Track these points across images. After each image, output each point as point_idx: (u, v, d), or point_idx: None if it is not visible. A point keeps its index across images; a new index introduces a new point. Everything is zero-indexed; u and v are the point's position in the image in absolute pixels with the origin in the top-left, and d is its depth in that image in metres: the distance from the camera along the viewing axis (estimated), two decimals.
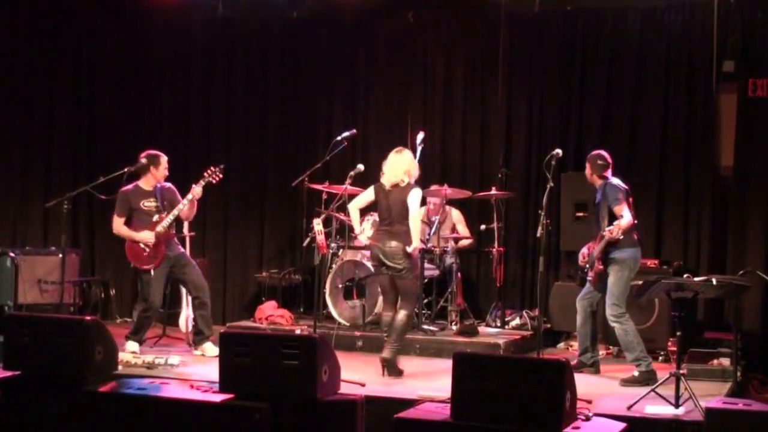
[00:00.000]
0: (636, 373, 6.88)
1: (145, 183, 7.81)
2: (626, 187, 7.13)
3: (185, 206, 7.68)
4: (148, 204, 7.75)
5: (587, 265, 7.23)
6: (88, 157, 10.38)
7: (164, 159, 7.88)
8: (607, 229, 6.73)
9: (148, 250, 7.66)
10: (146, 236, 7.66)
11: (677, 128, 9.01)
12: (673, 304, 6.08)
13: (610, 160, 7.23)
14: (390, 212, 7.04)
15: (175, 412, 5.33)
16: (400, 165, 7.07)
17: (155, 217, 7.69)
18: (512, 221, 9.42)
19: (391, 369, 6.93)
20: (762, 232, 8.60)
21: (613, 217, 6.91)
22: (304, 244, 8.85)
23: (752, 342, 8.11)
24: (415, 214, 7.04)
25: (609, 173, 7.18)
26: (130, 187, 7.80)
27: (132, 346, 7.63)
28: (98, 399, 5.48)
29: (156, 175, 7.82)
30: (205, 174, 7.75)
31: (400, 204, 7.00)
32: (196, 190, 7.66)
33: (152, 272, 7.68)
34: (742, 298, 7.74)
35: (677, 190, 9.00)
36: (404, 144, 9.62)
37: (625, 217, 6.82)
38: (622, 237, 6.81)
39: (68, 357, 5.59)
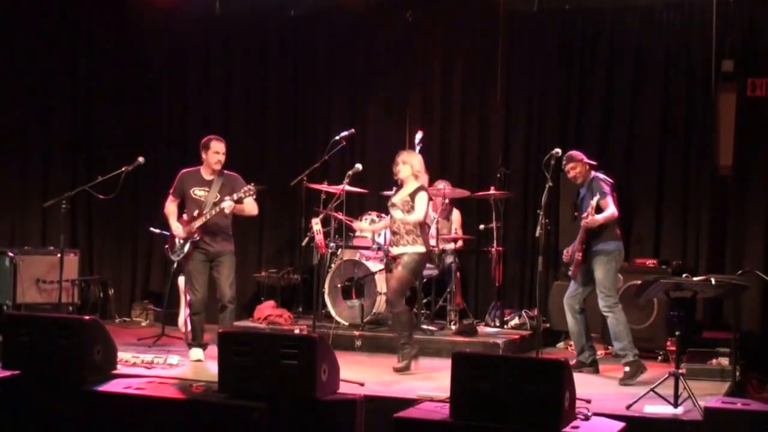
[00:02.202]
0: (627, 369, 6.99)
1: (204, 169, 7.60)
2: (611, 180, 7.19)
3: (213, 215, 7.36)
4: (199, 193, 7.53)
5: (570, 261, 7.30)
6: (86, 156, 10.36)
7: (216, 143, 7.51)
8: (585, 213, 6.83)
9: (179, 241, 7.53)
10: (176, 229, 7.52)
11: (676, 127, 9.02)
12: (672, 303, 6.08)
13: (580, 152, 7.39)
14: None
15: (174, 412, 5.33)
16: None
17: (195, 212, 7.47)
18: (511, 221, 9.42)
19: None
20: (761, 231, 8.60)
21: (599, 211, 6.97)
22: (303, 243, 8.85)
23: (751, 341, 8.12)
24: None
25: (591, 162, 7.29)
26: (190, 169, 7.64)
27: (194, 353, 7.47)
28: (97, 399, 5.48)
29: (207, 161, 7.53)
30: (243, 189, 7.41)
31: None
32: (226, 205, 7.31)
33: (190, 264, 7.51)
34: (741, 297, 7.75)
35: (676, 189, 9.00)
36: (402, 143, 9.67)
37: (610, 209, 6.94)
38: (598, 226, 6.95)
39: (67, 356, 5.59)
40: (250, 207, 7.58)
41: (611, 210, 6.98)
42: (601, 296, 7.10)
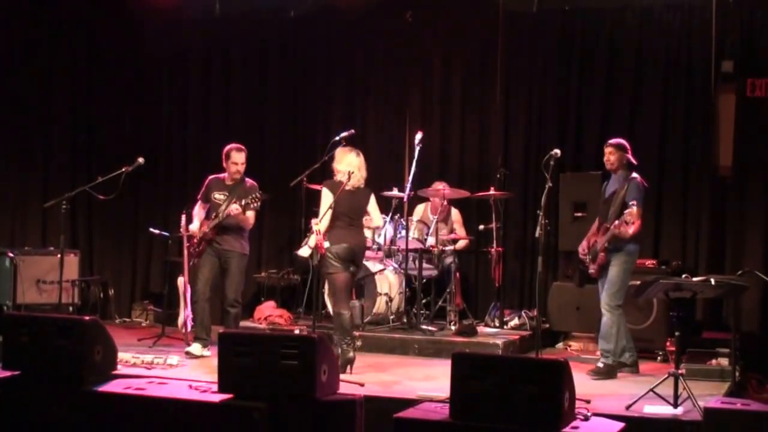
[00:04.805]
0: (600, 365, 7.11)
1: (226, 176, 7.90)
2: (647, 186, 7.21)
3: (224, 217, 7.63)
4: (218, 197, 7.81)
5: (588, 258, 7.25)
6: (87, 157, 10.38)
7: (236, 154, 7.79)
8: (617, 222, 6.80)
9: (195, 240, 7.83)
10: (194, 228, 7.86)
11: (676, 128, 9.02)
12: (672, 304, 6.09)
13: (629, 148, 7.32)
14: (353, 211, 7.13)
15: (174, 412, 5.34)
16: (362, 167, 7.23)
17: (213, 215, 7.78)
18: (511, 221, 9.43)
19: (352, 364, 6.93)
20: (760, 232, 8.59)
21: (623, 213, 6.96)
22: (303, 244, 8.84)
23: (750, 342, 8.11)
24: (380, 220, 7.59)
25: (633, 160, 7.27)
26: (217, 175, 7.95)
27: (191, 347, 7.65)
28: (97, 399, 5.49)
29: (228, 170, 7.85)
30: (250, 197, 7.54)
31: (361, 205, 7.19)
32: (233, 208, 7.54)
33: (201, 259, 7.83)
34: (741, 298, 7.75)
35: (676, 189, 9.00)
36: (402, 144, 9.68)
37: (636, 223, 6.89)
38: (628, 237, 6.90)
39: (67, 357, 5.59)
40: (249, 219, 7.84)
41: (637, 225, 6.94)
42: (607, 294, 7.11)
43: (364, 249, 7.40)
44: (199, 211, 7.99)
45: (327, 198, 7.03)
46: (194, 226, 7.88)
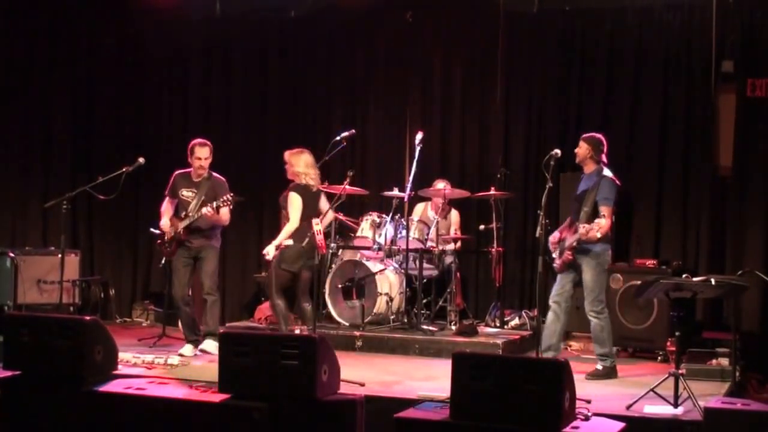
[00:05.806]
0: (600, 367, 7.09)
1: (192, 172, 7.88)
2: (619, 184, 7.15)
3: (196, 219, 7.66)
4: (186, 194, 7.81)
5: (556, 252, 7.24)
6: (87, 157, 10.38)
7: (198, 149, 7.79)
8: (584, 227, 6.76)
9: (166, 239, 7.80)
10: (164, 225, 7.82)
11: (676, 128, 9.02)
12: (672, 304, 6.09)
13: (605, 144, 7.24)
14: (314, 210, 7.46)
15: (175, 412, 5.34)
16: (315, 165, 7.63)
17: (182, 214, 7.76)
18: (511, 221, 9.42)
19: None
20: (761, 231, 8.59)
21: (595, 212, 6.91)
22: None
23: (751, 342, 8.11)
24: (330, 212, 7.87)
25: (604, 159, 7.18)
26: (183, 171, 7.93)
27: (183, 349, 7.69)
28: (97, 399, 5.49)
29: (192, 165, 7.84)
30: (222, 199, 7.63)
31: (318, 203, 7.55)
32: (205, 210, 7.58)
33: (173, 262, 7.82)
34: (741, 298, 7.75)
35: (676, 190, 8.99)
36: (403, 144, 9.68)
37: (607, 222, 6.84)
38: (595, 240, 6.85)
39: (68, 357, 5.60)
40: (224, 217, 7.86)
41: (607, 224, 6.85)
42: (590, 300, 7.06)
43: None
44: (167, 207, 7.94)
45: (297, 201, 7.48)
46: (164, 223, 7.85)
